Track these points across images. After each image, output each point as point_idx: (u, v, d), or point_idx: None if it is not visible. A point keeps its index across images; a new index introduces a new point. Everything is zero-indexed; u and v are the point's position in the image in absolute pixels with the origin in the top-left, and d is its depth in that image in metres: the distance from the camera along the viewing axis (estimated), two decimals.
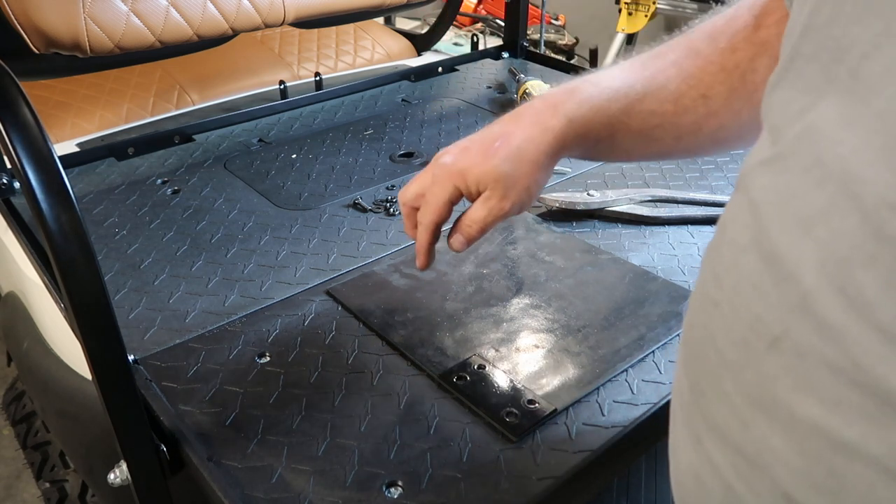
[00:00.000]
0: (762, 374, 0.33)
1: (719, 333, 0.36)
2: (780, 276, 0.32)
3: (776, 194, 0.33)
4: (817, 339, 0.30)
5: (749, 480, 0.34)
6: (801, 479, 0.31)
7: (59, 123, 1.34)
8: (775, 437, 0.32)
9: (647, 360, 0.72)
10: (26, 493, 1.74)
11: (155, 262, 0.89)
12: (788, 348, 0.31)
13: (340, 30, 1.78)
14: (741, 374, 0.34)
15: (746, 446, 0.34)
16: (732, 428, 0.35)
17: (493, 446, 0.62)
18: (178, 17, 1.08)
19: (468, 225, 0.67)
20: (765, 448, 0.33)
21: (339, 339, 0.75)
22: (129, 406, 0.59)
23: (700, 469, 0.38)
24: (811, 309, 0.30)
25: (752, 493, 0.34)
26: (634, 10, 2.80)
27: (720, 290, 0.37)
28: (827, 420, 0.29)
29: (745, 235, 0.35)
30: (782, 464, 0.32)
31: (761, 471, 0.33)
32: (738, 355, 0.34)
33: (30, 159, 0.50)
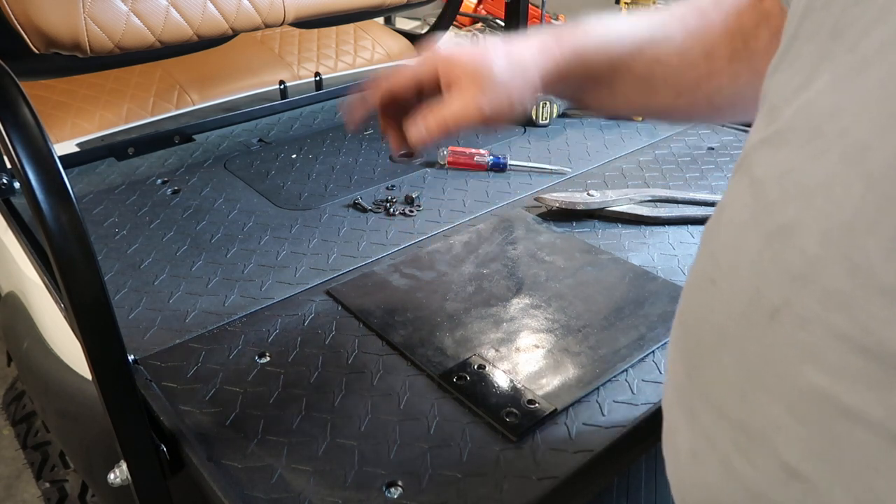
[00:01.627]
0: (763, 345, 0.33)
1: (717, 310, 0.36)
2: (782, 248, 0.32)
3: (777, 169, 0.33)
4: (821, 307, 0.30)
5: (748, 453, 0.34)
6: (802, 447, 0.31)
7: (59, 123, 1.34)
8: (776, 407, 0.32)
9: (647, 360, 0.72)
10: (26, 493, 1.74)
11: (155, 262, 0.89)
12: (790, 318, 0.31)
13: (340, 30, 1.77)
14: (740, 348, 0.34)
15: (745, 419, 0.34)
16: (730, 402, 0.35)
17: (493, 446, 0.62)
18: (178, 17, 1.07)
19: (433, 112, 0.57)
20: (765, 419, 0.33)
21: (339, 339, 0.75)
22: (129, 406, 0.59)
23: (696, 446, 0.38)
24: (814, 277, 0.30)
25: (752, 465, 0.34)
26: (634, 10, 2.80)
27: (718, 268, 0.37)
28: (830, 387, 0.29)
29: (744, 214, 0.35)
30: (783, 433, 0.32)
31: (761, 442, 0.33)
32: (737, 330, 0.34)
33: (30, 159, 0.50)
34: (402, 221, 0.98)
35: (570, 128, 1.28)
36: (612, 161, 1.15)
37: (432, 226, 0.97)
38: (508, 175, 1.11)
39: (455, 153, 1.13)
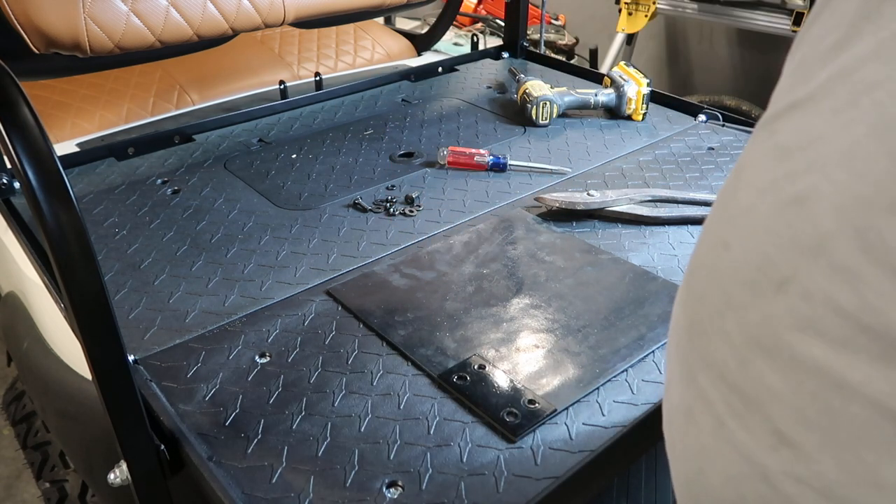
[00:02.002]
0: (767, 314, 0.33)
1: (726, 274, 0.36)
2: (797, 218, 0.31)
3: (805, 137, 0.32)
4: (828, 281, 0.30)
5: (742, 416, 0.35)
6: (795, 415, 0.32)
7: (59, 123, 1.34)
8: (773, 375, 0.33)
9: (647, 360, 0.72)
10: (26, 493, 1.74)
11: (155, 262, 0.89)
12: (796, 290, 0.31)
13: (340, 30, 1.78)
14: (745, 314, 0.34)
15: (743, 384, 0.34)
16: (730, 366, 0.35)
17: (493, 446, 0.62)
18: (178, 17, 1.08)
19: None
20: (761, 386, 0.33)
21: (339, 339, 0.75)
22: (129, 406, 0.59)
23: (692, 404, 0.39)
24: (825, 251, 0.30)
25: (744, 428, 0.34)
26: (634, 10, 2.80)
27: (733, 230, 0.37)
28: (829, 360, 0.30)
29: (764, 178, 0.35)
30: (777, 401, 0.32)
31: (756, 407, 0.34)
32: (743, 296, 0.35)
33: (30, 159, 0.50)
34: (402, 221, 0.98)
35: (570, 128, 1.28)
36: (612, 161, 1.15)
37: (432, 226, 0.97)
38: (508, 175, 1.11)
39: (455, 153, 1.13)
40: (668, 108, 1.35)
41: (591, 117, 1.31)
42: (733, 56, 3.22)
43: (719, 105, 2.54)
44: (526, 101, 1.28)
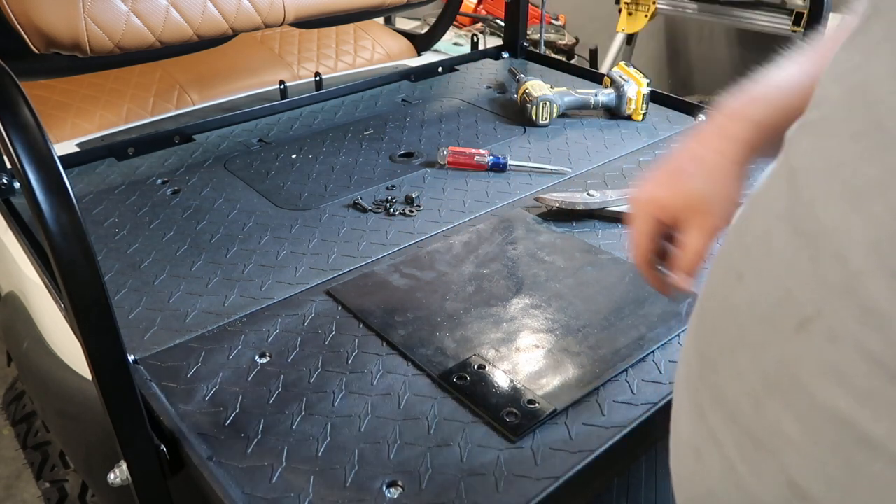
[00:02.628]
0: (786, 355, 0.31)
1: (741, 308, 0.34)
2: (821, 252, 0.29)
3: (820, 161, 0.30)
4: (858, 325, 0.27)
5: (754, 462, 0.32)
6: (813, 468, 0.30)
7: (59, 123, 1.34)
8: (790, 422, 0.30)
9: (647, 360, 0.72)
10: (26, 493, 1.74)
11: (155, 262, 0.89)
12: (820, 331, 0.29)
13: (340, 30, 1.77)
14: (761, 353, 0.32)
15: (756, 428, 0.32)
16: (743, 407, 0.33)
17: (493, 446, 0.62)
18: (178, 17, 1.07)
19: (689, 257, 0.60)
20: (776, 432, 0.31)
21: (339, 339, 0.75)
22: (129, 406, 0.59)
23: (701, 444, 0.36)
24: (856, 292, 0.27)
25: (756, 476, 0.32)
26: (634, 10, 2.80)
27: (747, 260, 0.34)
28: (853, 412, 0.28)
29: (779, 204, 0.32)
30: (794, 450, 0.30)
31: (769, 454, 0.32)
32: (759, 332, 0.32)
33: (30, 159, 0.50)
34: (402, 221, 0.98)
35: (570, 128, 1.28)
36: (612, 161, 1.15)
37: (432, 226, 0.97)
38: (508, 175, 1.11)
39: (455, 153, 1.13)
40: (668, 108, 1.35)
41: (591, 117, 1.31)
42: (733, 56, 3.22)
43: None
44: (526, 101, 1.28)
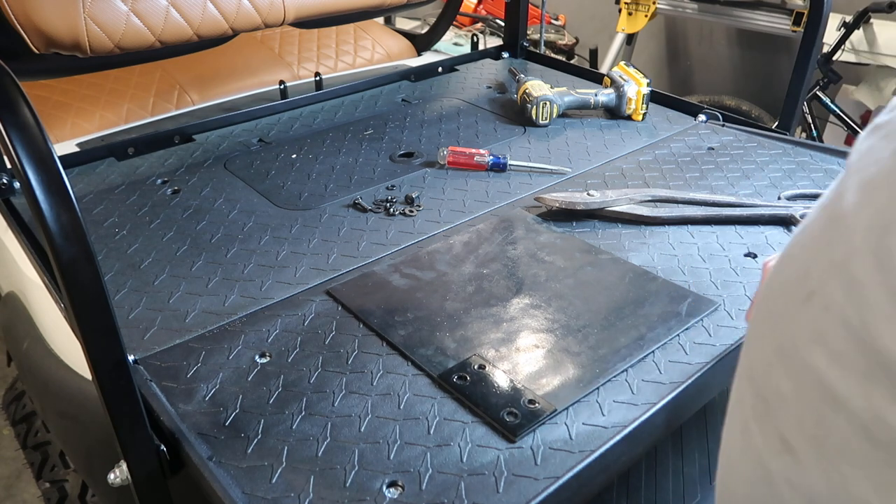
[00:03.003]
0: (793, 324, 0.34)
1: (777, 285, 0.38)
2: (837, 233, 0.33)
3: (862, 158, 0.34)
4: (844, 296, 0.31)
5: (761, 420, 0.36)
6: (796, 423, 0.33)
7: (59, 123, 1.34)
8: (786, 382, 0.34)
9: (647, 360, 0.72)
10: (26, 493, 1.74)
11: (155, 262, 0.89)
12: (818, 302, 0.32)
13: (340, 30, 1.78)
14: (777, 323, 0.36)
15: (765, 388, 0.36)
16: (759, 372, 0.37)
17: (493, 446, 0.62)
18: (178, 17, 1.07)
19: None
20: (776, 393, 0.35)
21: (339, 339, 0.75)
22: (129, 406, 0.59)
23: (732, 406, 0.41)
24: (848, 268, 0.31)
25: (761, 432, 0.36)
26: (634, 10, 2.80)
27: (792, 245, 0.38)
28: (828, 371, 0.31)
29: (826, 197, 0.36)
30: (785, 409, 0.34)
31: (770, 412, 0.35)
32: (780, 306, 0.36)
33: (30, 159, 0.50)
34: (402, 221, 0.98)
35: (570, 128, 1.28)
36: (612, 161, 1.15)
37: (432, 226, 0.97)
38: (508, 175, 1.11)
39: (455, 153, 1.13)
40: (668, 108, 1.35)
41: (591, 117, 1.31)
42: (733, 56, 3.22)
43: (719, 105, 2.54)
44: (526, 101, 1.28)
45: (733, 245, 0.92)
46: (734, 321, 0.78)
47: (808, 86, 1.23)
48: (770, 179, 1.08)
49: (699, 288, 0.83)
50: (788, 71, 1.24)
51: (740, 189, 1.05)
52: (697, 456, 0.99)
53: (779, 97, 1.28)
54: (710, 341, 0.74)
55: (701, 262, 0.88)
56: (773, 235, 0.94)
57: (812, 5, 1.19)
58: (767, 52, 3.06)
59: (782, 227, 0.95)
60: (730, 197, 1.00)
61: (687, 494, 0.93)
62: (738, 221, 0.97)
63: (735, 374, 0.43)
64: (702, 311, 0.79)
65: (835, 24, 2.34)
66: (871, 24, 2.35)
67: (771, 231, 0.95)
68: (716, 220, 0.97)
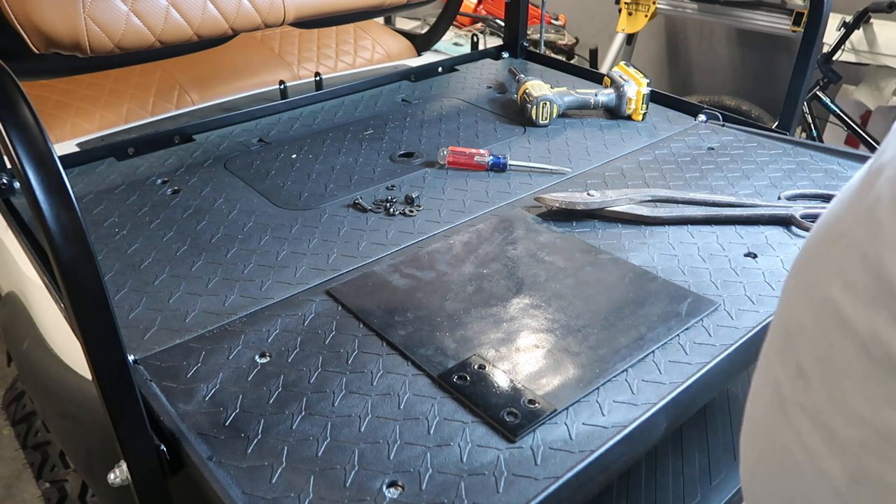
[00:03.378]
0: (821, 263, 0.38)
1: (814, 234, 0.42)
2: (868, 184, 0.36)
3: None
4: (865, 235, 0.34)
5: (781, 352, 0.40)
6: (810, 348, 0.36)
7: (59, 123, 1.34)
8: (806, 316, 0.37)
9: (647, 360, 0.72)
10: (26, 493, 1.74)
11: (155, 262, 0.89)
12: (845, 242, 0.36)
13: (340, 30, 1.78)
14: (809, 264, 0.40)
15: (789, 324, 0.39)
16: (786, 309, 0.41)
17: (493, 446, 0.62)
18: (178, 17, 1.08)
19: None
20: (798, 325, 0.38)
21: (339, 339, 0.75)
22: (129, 406, 0.59)
23: (763, 347, 0.44)
24: (873, 210, 0.34)
25: (781, 362, 0.39)
26: (634, 10, 2.80)
27: (834, 201, 0.42)
28: (842, 298, 0.34)
29: (870, 161, 0.40)
30: (804, 338, 0.37)
31: (790, 344, 0.39)
32: (815, 250, 0.40)
33: (30, 159, 0.50)
34: (402, 221, 0.98)
35: (570, 128, 1.28)
36: (612, 161, 1.15)
37: (432, 226, 0.97)
38: (508, 175, 1.11)
39: (455, 153, 1.13)
40: (668, 108, 1.35)
41: (591, 117, 1.31)
42: (733, 56, 3.22)
43: (719, 105, 2.54)
44: (526, 101, 1.28)
45: (733, 245, 0.92)
46: (734, 321, 0.78)
47: (808, 86, 1.23)
48: (770, 179, 1.08)
49: (699, 288, 0.83)
50: (788, 71, 1.24)
51: (740, 189, 1.05)
52: (697, 456, 0.99)
53: (779, 97, 1.28)
54: (710, 341, 0.74)
55: (701, 262, 0.88)
56: (773, 235, 0.94)
57: (812, 5, 1.19)
58: (767, 52, 3.06)
59: (782, 227, 0.95)
60: (730, 197, 1.00)
61: (687, 494, 0.93)
62: (738, 221, 0.97)
63: None
64: (702, 311, 0.79)
65: (835, 24, 2.34)
66: (871, 24, 2.35)
67: (771, 231, 0.95)
68: (716, 220, 0.97)
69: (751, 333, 0.76)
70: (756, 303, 0.81)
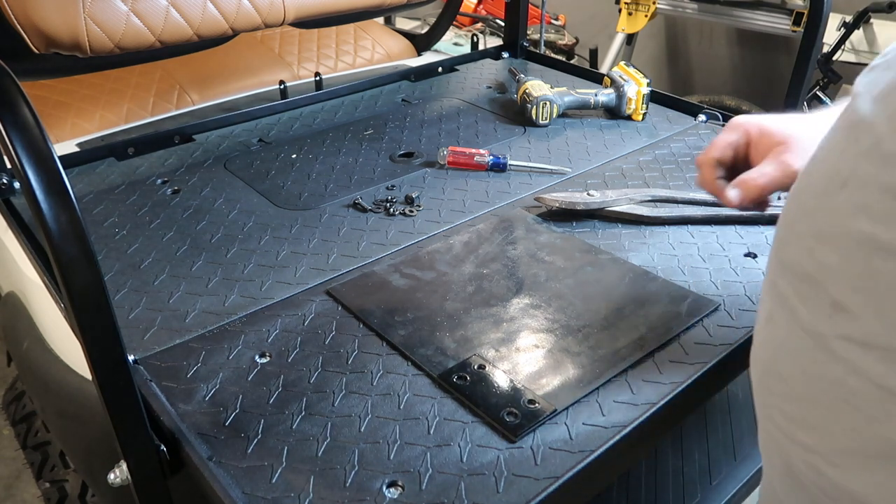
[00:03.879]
0: (831, 208, 0.40)
1: (806, 192, 0.44)
2: (858, 133, 0.40)
3: (870, 85, 0.41)
4: (877, 168, 0.37)
5: (808, 298, 0.42)
6: (846, 283, 0.39)
7: (59, 123, 1.34)
8: (832, 255, 0.40)
9: (647, 360, 0.72)
10: (26, 493, 1.74)
11: (155, 262, 0.89)
12: (854, 183, 0.39)
13: (340, 30, 1.78)
14: (815, 215, 0.42)
15: (809, 270, 0.42)
16: (800, 259, 0.43)
17: (493, 446, 0.62)
18: (178, 17, 1.07)
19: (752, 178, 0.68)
20: (823, 267, 0.40)
21: (339, 339, 0.75)
22: (129, 406, 0.59)
23: (773, 310, 0.46)
24: (880, 148, 0.38)
25: (809, 308, 0.41)
26: (634, 10, 2.80)
27: (813, 161, 0.45)
28: (873, 229, 0.37)
29: (841, 120, 0.43)
30: (834, 275, 0.40)
31: (817, 286, 0.41)
32: (815, 202, 0.42)
33: (30, 159, 0.50)
34: (402, 221, 0.98)
35: (570, 128, 1.28)
36: (612, 161, 1.15)
37: (432, 226, 0.97)
38: (508, 175, 1.11)
39: (455, 153, 1.13)
40: (668, 108, 1.35)
41: (591, 117, 1.31)
42: (733, 56, 3.22)
43: (719, 105, 2.55)
44: (526, 101, 1.28)
45: (733, 245, 0.92)
46: (734, 321, 0.78)
47: (808, 86, 1.23)
48: None
49: (699, 288, 0.83)
50: (788, 71, 1.24)
51: None
52: (697, 456, 0.99)
53: (779, 97, 1.28)
54: (710, 341, 0.74)
55: (701, 262, 0.88)
56: (772, 235, 0.94)
57: (812, 5, 1.19)
58: (767, 52, 3.06)
59: None
60: None
61: (687, 494, 0.93)
62: (738, 221, 0.97)
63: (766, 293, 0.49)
64: (702, 311, 0.79)
65: (835, 24, 2.34)
66: (871, 24, 2.35)
67: (771, 231, 0.94)
68: (716, 220, 0.97)
69: (751, 333, 0.76)
70: (756, 303, 0.81)
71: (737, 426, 1.06)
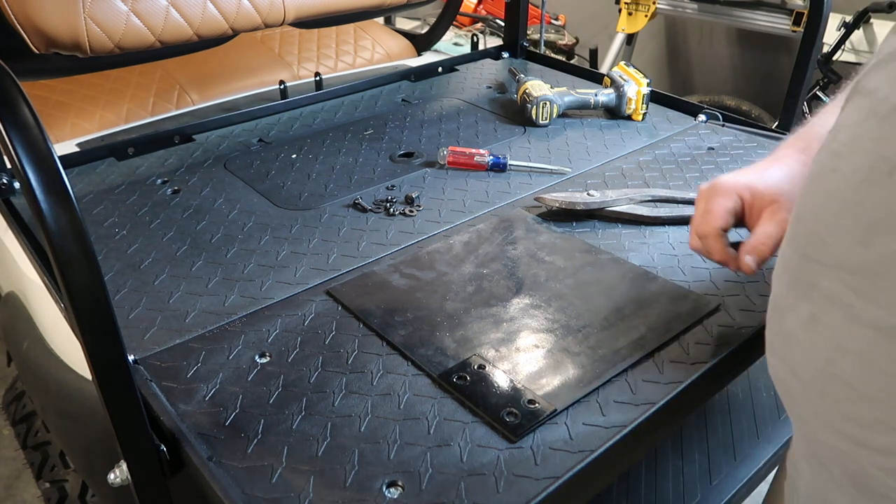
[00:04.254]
0: (883, 196, 0.39)
1: (840, 187, 0.43)
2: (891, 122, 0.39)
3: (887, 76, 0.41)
4: None
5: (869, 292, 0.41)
6: None
7: (59, 123, 1.34)
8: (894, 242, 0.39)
9: (647, 360, 0.72)
10: (26, 493, 1.74)
11: (155, 262, 0.89)
12: None
13: (340, 30, 1.78)
14: (863, 206, 0.41)
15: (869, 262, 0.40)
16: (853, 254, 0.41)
17: (493, 446, 0.62)
18: (178, 17, 1.07)
19: (761, 242, 0.69)
20: (885, 257, 0.39)
21: (339, 339, 0.75)
22: (129, 406, 0.59)
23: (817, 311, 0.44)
24: None
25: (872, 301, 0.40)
26: (634, 10, 2.80)
27: (839, 159, 0.44)
28: None
29: (860, 114, 0.42)
30: None
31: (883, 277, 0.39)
32: (858, 194, 0.41)
33: (30, 159, 0.50)
34: (402, 221, 0.98)
35: (570, 128, 1.28)
36: (612, 161, 1.15)
37: (432, 226, 0.97)
38: (508, 175, 1.11)
39: (455, 153, 1.13)
40: (668, 108, 1.35)
41: (591, 117, 1.31)
42: (733, 56, 3.22)
43: (719, 105, 2.55)
44: (526, 101, 1.28)
45: None
46: (734, 321, 0.78)
47: (808, 86, 1.23)
48: None
49: (699, 288, 0.83)
50: (788, 71, 1.23)
51: None
52: (697, 456, 0.99)
53: (779, 97, 1.28)
54: (710, 341, 0.74)
55: (701, 262, 0.88)
56: None
57: (812, 5, 1.19)
58: (767, 52, 3.06)
59: None
60: None
61: (687, 494, 0.93)
62: None
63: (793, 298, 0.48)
64: (702, 311, 0.79)
65: (835, 24, 2.34)
66: (871, 24, 2.35)
67: None
68: None
69: (751, 333, 0.76)
70: (756, 303, 0.81)
71: (737, 426, 1.06)
